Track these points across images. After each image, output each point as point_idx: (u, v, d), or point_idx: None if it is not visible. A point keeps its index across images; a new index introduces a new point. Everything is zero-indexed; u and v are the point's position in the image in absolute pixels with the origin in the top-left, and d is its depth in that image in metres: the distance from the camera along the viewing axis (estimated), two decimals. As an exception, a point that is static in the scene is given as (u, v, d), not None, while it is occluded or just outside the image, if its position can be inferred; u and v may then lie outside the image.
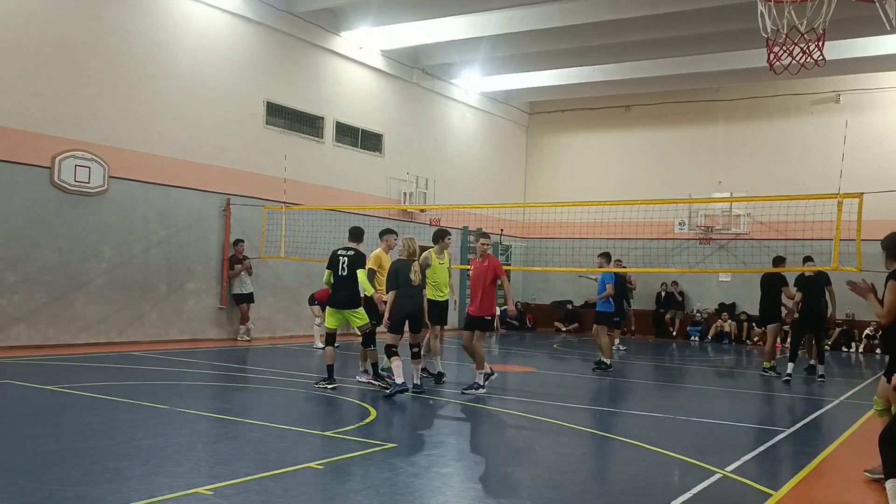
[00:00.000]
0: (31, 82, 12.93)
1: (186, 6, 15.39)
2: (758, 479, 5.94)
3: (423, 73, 21.31)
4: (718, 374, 14.67)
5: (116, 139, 14.16)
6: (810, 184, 17.87)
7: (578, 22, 17.39)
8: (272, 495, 5.06)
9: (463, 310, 14.76)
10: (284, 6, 17.11)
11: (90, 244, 13.82)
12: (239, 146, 16.44)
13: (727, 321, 21.89)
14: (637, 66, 21.10)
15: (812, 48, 10.77)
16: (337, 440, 6.83)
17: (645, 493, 5.62)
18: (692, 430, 8.42)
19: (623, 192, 22.30)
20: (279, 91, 17.44)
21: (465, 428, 8.19)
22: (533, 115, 26.66)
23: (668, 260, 22.11)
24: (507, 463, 6.38)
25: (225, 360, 13.24)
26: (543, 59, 21.08)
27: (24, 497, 4.81)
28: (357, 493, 5.25)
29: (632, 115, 24.75)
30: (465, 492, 5.49)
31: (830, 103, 21.82)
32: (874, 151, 20.50)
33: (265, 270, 16.93)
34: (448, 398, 9.91)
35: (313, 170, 18.22)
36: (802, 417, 9.42)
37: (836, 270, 12.52)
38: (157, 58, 14.84)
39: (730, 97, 23.17)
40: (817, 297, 13.11)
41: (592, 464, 6.65)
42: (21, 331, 12.84)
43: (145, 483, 5.12)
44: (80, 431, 6.84)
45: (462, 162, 23.40)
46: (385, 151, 20.46)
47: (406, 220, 20.96)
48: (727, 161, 22.88)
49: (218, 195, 15.96)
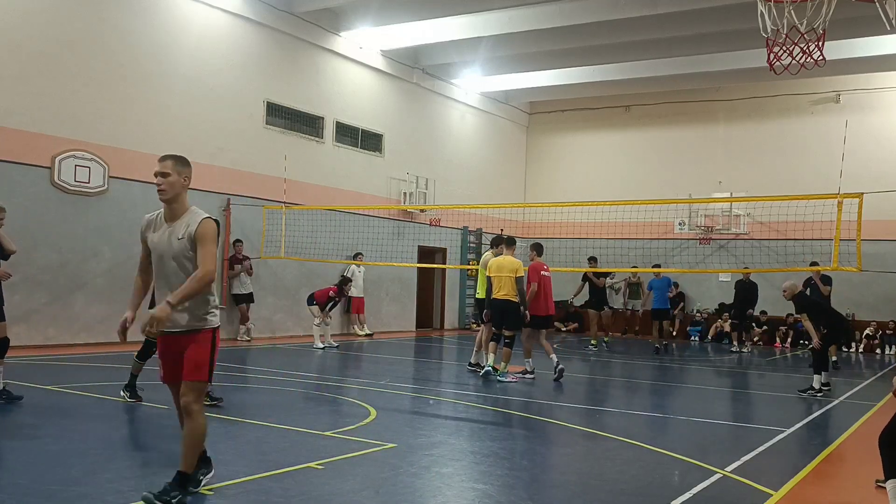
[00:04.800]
0: (31, 82, 12.93)
1: (186, 6, 15.39)
2: (758, 479, 5.94)
3: (423, 73, 21.31)
4: (718, 374, 14.67)
5: (116, 139, 14.16)
6: (810, 184, 17.86)
7: (578, 22, 17.39)
8: (272, 495, 5.06)
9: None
10: (284, 6, 17.10)
11: (90, 244, 13.82)
12: (239, 146, 16.44)
13: (727, 321, 21.88)
14: (637, 66, 21.10)
15: (812, 48, 10.77)
16: (337, 440, 6.83)
17: (645, 493, 5.62)
18: (692, 430, 8.42)
19: (623, 192, 22.31)
20: (279, 91, 17.44)
21: (465, 428, 8.19)
22: (533, 115, 26.66)
23: (668, 260, 22.11)
24: (507, 463, 6.38)
25: (225, 360, 13.22)
26: (543, 59, 21.08)
27: (24, 497, 4.81)
28: (357, 493, 5.25)
29: (632, 115, 24.75)
30: (465, 492, 5.49)
31: (830, 103, 21.82)
32: (874, 151, 20.50)
33: (265, 270, 16.93)
34: (448, 398, 9.91)
35: (313, 170, 18.22)
36: (802, 417, 9.42)
37: (836, 270, 12.54)
38: (157, 58, 14.85)
39: (730, 97, 23.17)
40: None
41: (592, 464, 6.65)
42: (21, 331, 12.82)
43: (145, 483, 5.12)
44: (80, 431, 6.84)
45: (462, 162, 23.40)
46: (385, 151, 20.46)
47: (406, 220, 20.96)
48: (727, 161, 22.88)
49: (218, 195, 15.95)
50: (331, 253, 17.62)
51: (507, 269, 11.37)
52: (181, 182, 4.84)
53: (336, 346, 15.64)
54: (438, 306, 23.04)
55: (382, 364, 14.02)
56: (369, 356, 15.08)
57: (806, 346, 18.34)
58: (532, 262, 12.30)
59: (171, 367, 4.92)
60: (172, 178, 4.80)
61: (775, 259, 19.80)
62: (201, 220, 4.79)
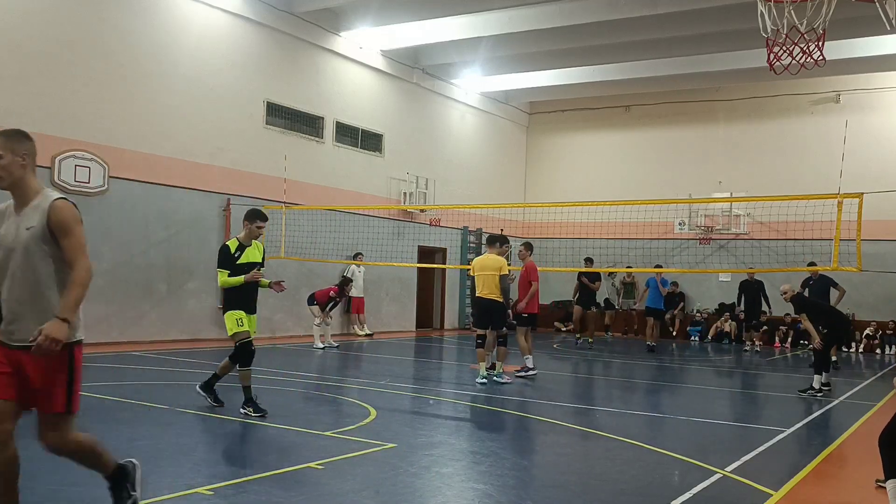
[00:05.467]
0: (31, 82, 12.92)
1: (186, 6, 15.39)
2: (758, 479, 5.93)
3: (423, 73, 21.31)
4: (718, 374, 14.67)
5: (116, 139, 14.16)
6: (810, 184, 17.86)
7: (578, 22, 17.39)
8: (272, 495, 5.05)
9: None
10: (284, 6, 17.10)
11: (90, 244, 13.54)
12: (239, 146, 16.44)
13: (727, 321, 21.88)
14: (637, 66, 21.10)
15: (812, 48, 10.77)
16: (337, 440, 6.82)
17: (645, 493, 5.62)
18: (692, 430, 8.42)
19: (623, 192, 22.31)
20: (279, 91, 17.44)
21: (465, 428, 8.19)
22: (533, 115, 26.66)
23: (668, 260, 22.11)
24: (507, 463, 6.38)
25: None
26: (543, 59, 21.08)
27: (24, 497, 4.80)
28: (357, 493, 5.25)
29: (632, 115, 24.75)
30: (465, 492, 5.48)
31: (830, 103, 21.82)
32: (874, 151, 20.50)
33: (265, 271, 16.87)
34: (448, 398, 9.91)
35: (313, 170, 18.22)
36: (802, 417, 9.42)
37: (836, 270, 12.53)
38: (157, 58, 14.85)
39: (730, 97, 23.17)
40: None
41: (592, 464, 6.65)
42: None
43: (145, 483, 5.11)
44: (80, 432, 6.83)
45: (462, 162, 23.40)
46: (385, 151, 20.46)
47: (406, 220, 20.96)
48: (727, 161, 22.87)
49: (218, 195, 15.95)
50: (331, 253, 17.62)
51: (490, 268, 11.07)
52: (18, 162, 3.83)
53: (336, 346, 15.64)
54: (438, 306, 23.05)
55: (382, 364, 14.02)
56: (369, 356, 15.08)
57: (806, 346, 18.34)
58: (525, 261, 12.40)
59: (9, 387, 3.81)
60: (5, 161, 3.79)
61: (775, 259, 19.79)
62: (52, 203, 3.82)
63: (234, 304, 8.07)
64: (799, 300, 11.45)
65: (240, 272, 8.01)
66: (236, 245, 8.15)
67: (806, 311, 11.23)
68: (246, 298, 8.16)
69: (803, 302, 11.59)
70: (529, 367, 11.93)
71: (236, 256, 8.09)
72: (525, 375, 11.79)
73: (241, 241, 8.18)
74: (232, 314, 8.02)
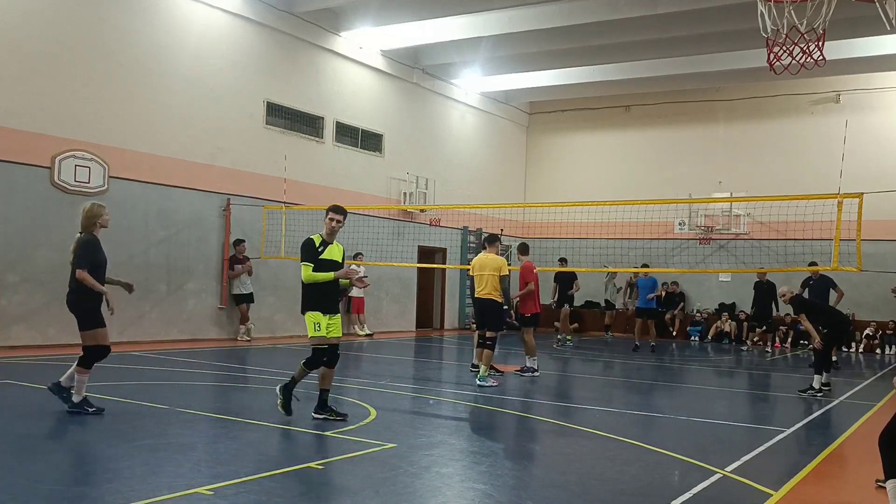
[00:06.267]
0: (31, 82, 12.92)
1: (186, 6, 15.39)
2: (758, 479, 5.93)
3: (423, 73, 21.30)
4: (718, 374, 14.67)
5: (116, 139, 14.15)
6: (810, 184, 17.85)
7: (578, 22, 17.39)
8: (272, 495, 5.05)
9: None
10: (284, 6, 17.10)
11: (90, 244, 13.78)
12: (239, 146, 16.44)
13: (727, 321, 21.89)
14: (637, 66, 21.10)
15: (812, 48, 10.76)
16: (337, 440, 6.83)
17: (645, 493, 5.62)
18: (692, 430, 8.42)
19: (623, 192, 22.30)
20: (279, 91, 17.44)
21: (465, 428, 8.19)
22: (533, 115, 26.66)
23: (668, 260, 22.11)
24: (507, 463, 6.38)
25: (225, 360, 13.24)
26: (543, 59, 21.08)
27: (24, 497, 4.81)
28: (357, 493, 5.25)
29: (632, 115, 24.75)
30: (465, 492, 5.48)
31: (830, 103, 21.82)
32: (874, 151, 20.50)
33: (265, 270, 16.92)
34: (448, 398, 9.91)
35: (313, 170, 18.22)
36: (802, 417, 9.42)
37: (837, 270, 12.52)
38: (157, 58, 14.84)
39: (730, 97, 23.17)
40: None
41: (592, 464, 6.65)
42: (21, 331, 12.84)
43: (145, 483, 5.12)
44: (81, 432, 6.84)
45: (462, 162, 23.40)
46: (385, 151, 20.46)
47: (406, 220, 20.96)
48: (727, 161, 22.87)
49: (218, 195, 15.95)
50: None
51: (489, 268, 10.98)
52: None
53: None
54: (438, 306, 23.05)
55: (382, 364, 14.02)
56: (369, 356, 15.07)
57: (806, 346, 18.33)
58: (522, 262, 12.39)
59: None
60: None
61: (775, 259, 19.79)
62: None
63: (315, 303, 7.58)
64: (798, 301, 11.48)
65: (321, 269, 7.58)
66: (320, 240, 7.81)
67: (805, 311, 11.25)
68: (328, 298, 7.67)
69: (803, 302, 11.64)
70: (531, 368, 11.92)
71: (320, 251, 7.71)
72: (525, 375, 11.77)
73: (324, 238, 7.85)
74: (311, 316, 7.58)
